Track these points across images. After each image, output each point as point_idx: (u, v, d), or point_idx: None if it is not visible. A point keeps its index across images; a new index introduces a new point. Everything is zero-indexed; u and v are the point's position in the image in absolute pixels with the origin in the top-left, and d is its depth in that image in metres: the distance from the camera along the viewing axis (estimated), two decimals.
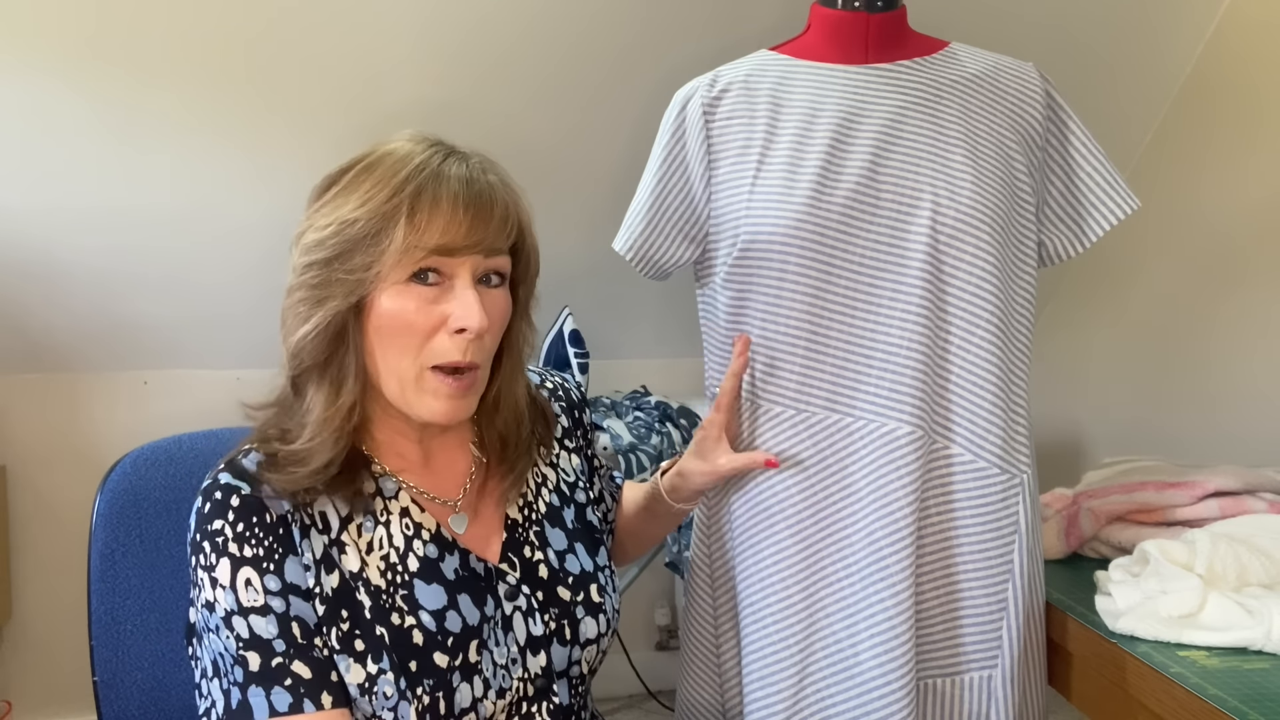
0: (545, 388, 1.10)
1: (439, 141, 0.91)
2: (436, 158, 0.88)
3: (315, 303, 0.86)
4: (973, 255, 1.07)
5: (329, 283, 0.86)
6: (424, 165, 0.87)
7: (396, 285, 0.86)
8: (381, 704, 0.84)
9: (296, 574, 0.85)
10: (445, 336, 0.87)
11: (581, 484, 1.08)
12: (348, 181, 0.88)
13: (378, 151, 0.89)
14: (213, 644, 0.84)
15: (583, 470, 1.09)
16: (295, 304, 0.87)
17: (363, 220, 0.85)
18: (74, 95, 1.79)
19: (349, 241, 0.85)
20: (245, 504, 0.84)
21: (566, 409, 1.11)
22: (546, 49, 1.89)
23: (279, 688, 0.82)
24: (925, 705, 1.10)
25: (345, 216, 0.85)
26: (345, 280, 0.85)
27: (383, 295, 0.86)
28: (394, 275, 0.86)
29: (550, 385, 1.11)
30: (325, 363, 0.88)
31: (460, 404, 0.90)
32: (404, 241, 0.84)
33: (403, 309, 0.86)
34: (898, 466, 1.06)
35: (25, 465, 2.24)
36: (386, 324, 0.87)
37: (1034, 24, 1.96)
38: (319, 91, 1.87)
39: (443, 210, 0.85)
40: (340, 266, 0.85)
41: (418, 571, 0.90)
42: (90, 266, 2.03)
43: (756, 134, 1.13)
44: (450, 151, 0.90)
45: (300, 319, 0.87)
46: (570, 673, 0.97)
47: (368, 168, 0.88)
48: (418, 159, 0.87)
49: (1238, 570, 1.06)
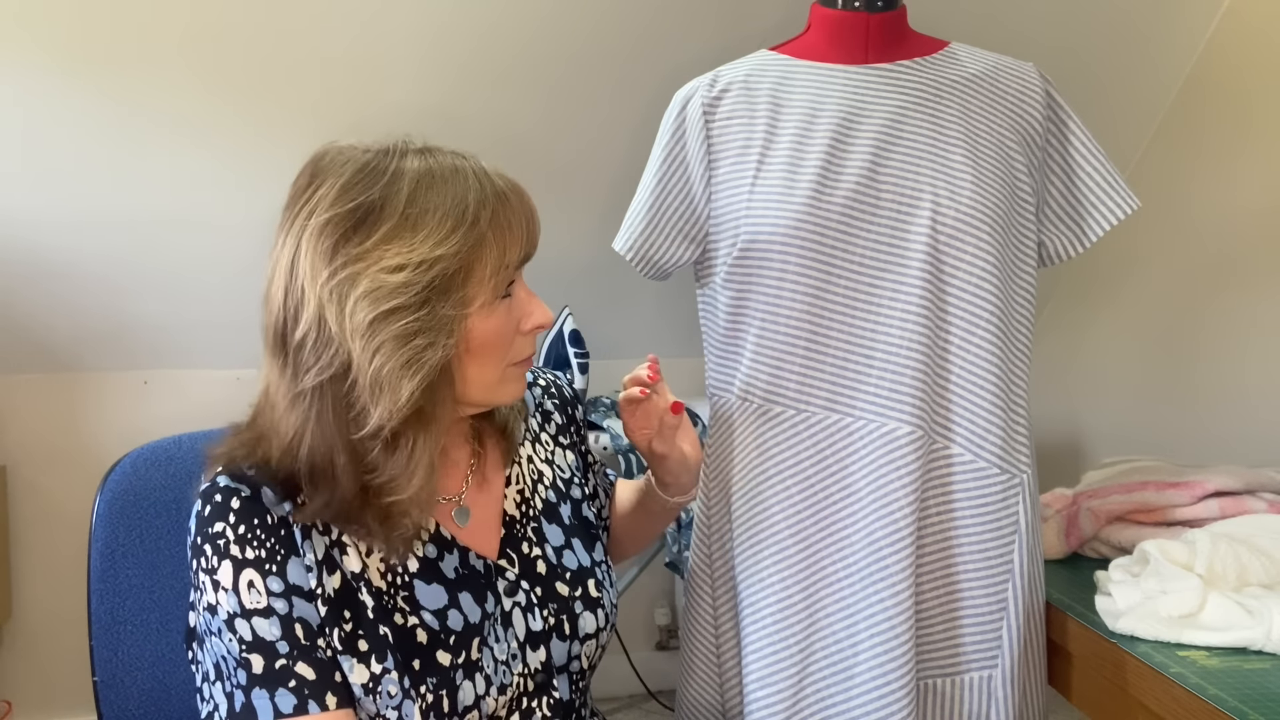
0: (538, 385, 1.11)
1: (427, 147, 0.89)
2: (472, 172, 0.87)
3: (425, 348, 0.82)
4: (973, 255, 1.07)
5: (422, 330, 0.82)
6: (474, 183, 0.86)
7: (486, 306, 0.87)
8: (386, 703, 0.84)
9: (299, 575, 0.84)
10: (519, 337, 0.92)
11: (577, 480, 1.08)
12: (392, 226, 0.82)
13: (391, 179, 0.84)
14: (215, 647, 0.84)
15: (578, 466, 1.10)
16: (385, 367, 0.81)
17: (447, 257, 0.83)
18: (74, 96, 1.79)
19: (434, 282, 0.82)
20: (245, 505, 0.84)
21: (559, 406, 1.11)
22: (546, 49, 1.89)
23: (283, 689, 0.82)
24: (925, 705, 1.10)
25: (425, 257, 0.82)
26: (451, 316, 0.83)
27: (475, 320, 0.86)
28: (482, 298, 0.87)
29: (543, 383, 1.12)
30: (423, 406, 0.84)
31: (525, 380, 0.97)
32: (495, 265, 0.86)
33: (500, 327, 0.89)
34: (898, 467, 1.06)
35: (25, 465, 2.24)
36: (484, 344, 0.88)
37: (1034, 24, 1.96)
38: (320, 90, 1.87)
39: (515, 227, 0.88)
40: (437, 310, 0.82)
41: (417, 572, 0.90)
42: (90, 266, 2.03)
43: (756, 134, 1.13)
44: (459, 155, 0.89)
45: (409, 368, 0.81)
46: (570, 668, 0.97)
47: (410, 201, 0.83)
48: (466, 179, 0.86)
49: (1238, 570, 1.06)
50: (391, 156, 0.86)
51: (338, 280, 0.81)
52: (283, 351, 0.84)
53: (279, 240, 0.85)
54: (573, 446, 1.11)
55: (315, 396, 0.82)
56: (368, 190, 0.83)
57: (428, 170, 0.85)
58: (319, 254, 0.82)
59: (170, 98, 1.82)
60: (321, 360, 0.82)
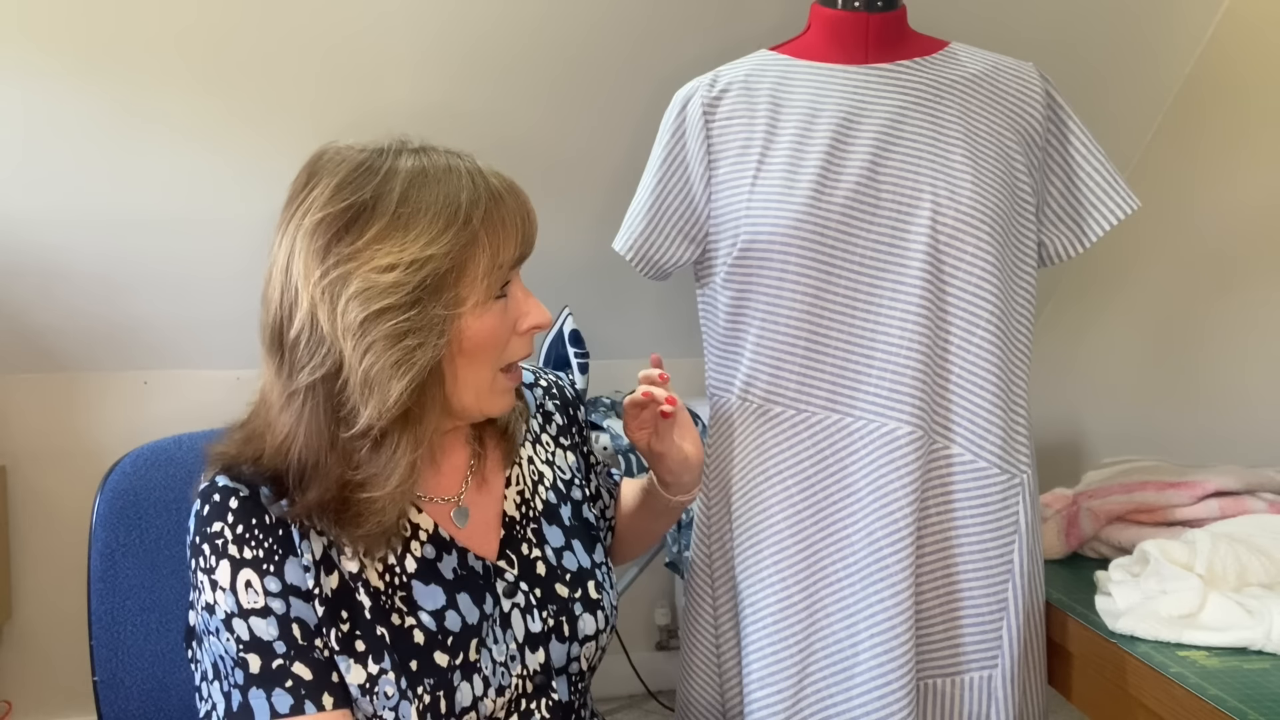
0: (539, 385, 1.10)
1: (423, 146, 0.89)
2: (465, 172, 0.87)
3: (415, 349, 0.82)
4: (973, 255, 1.07)
5: (413, 330, 0.82)
6: (472, 183, 0.86)
7: (480, 305, 0.86)
8: (383, 704, 0.84)
9: (296, 575, 0.84)
10: (515, 338, 0.91)
11: (578, 481, 1.08)
12: (384, 225, 0.82)
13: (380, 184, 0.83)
14: (213, 646, 0.84)
15: (579, 467, 1.10)
16: (382, 355, 0.81)
17: (438, 257, 0.82)
18: (73, 96, 1.79)
19: (425, 282, 0.82)
20: (244, 505, 0.84)
21: (561, 406, 1.11)
22: (547, 49, 1.89)
23: (280, 689, 0.82)
24: (925, 705, 1.10)
25: (416, 257, 0.81)
26: (443, 316, 0.83)
27: (467, 320, 0.86)
28: (475, 298, 0.86)
29: (544, 383, 1.11)
30: (410, 407, 0.84)
31: (515, 391, 0.95)
32: (489, 265, 0.86)
33: (494, 327, 0.88)
34: (898, 467, 1.06)
35: (25, 465, 2.24)
36: (477, 345, 0.87)
37: (1034, 24, 1.96)
38: (317, 91, 1.87)
39: (510, 226, 0.88)
40: (428, 310, 0.82)
41: (415, 573, 0.90)
42: (90, 266, 2.03)
43: (756, 134, 1.13)
44: (454, 155, 0.89)
45: (399, 368, 0.81)
46: (569, 669, 0.97)
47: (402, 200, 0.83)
48: (460, 178, 0.85)
49: (1238, 570, 1.06)
50: (386, 156, 0.86)
51: (330, 280, 0.81)
52: (279, 350, 0.85)
53: (276, 240, 0.86)
54: (574, 447, 1.10)
55: (308, 395, 0.83)
56: (360, 190, 0.83)
57: (421, 169, 0.85)
58: (312, 253, 0.82)
59: (169, 98, 1.82)
60: (314, 359, 0.82)
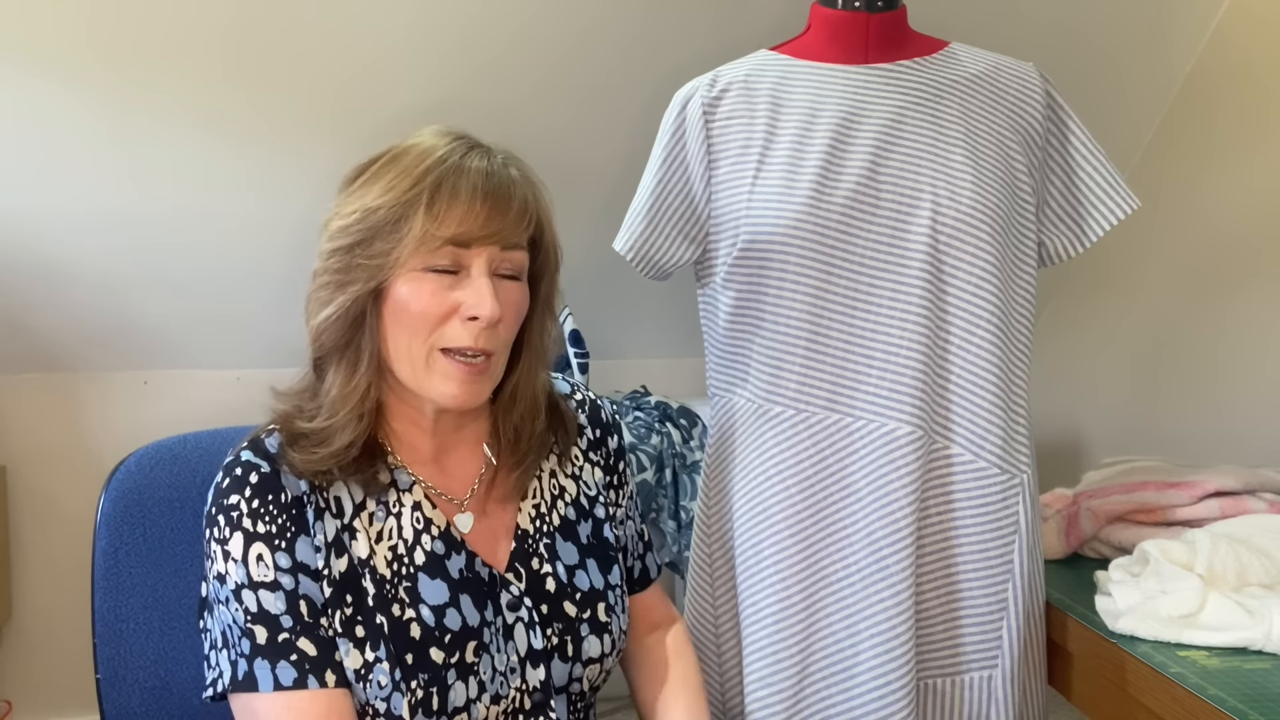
0: (574, 399, 1.07)
1: (464, 136, 0.94)
2: (458, 151, 0.91)
3: (337, 287, 0.89)
4: (973, 255, 1.08)
5: (350, 268, 0.89)
6: (445, 158, 0.90)
7: (414, 272, 0.88)
8: (375, 693, 0.85)
9: (307, 554, 0.86)
10: (458, 323, 0.89)
11: (602, 499, 1.05)
12: (374, 171, 0.91)
13: (404, 144, 0.93)
14: (222, 615, 0.86)
15: (605, 485, 1.06)
16: (319, 288, 0.91)
17: (384, 209, 0.88)
18: (74, 95, 1.79)
19: (371, 229, 0.88)
20: (263, 481, 0.87)
21: (592, 422, 1.07)
22: (547, 48, 1.89)
23: (285, 662, 0.83)
24: (925, 705, 1.10)
25: (369, 204, 0.88)
26: (366, 266, 0.88)
27: (400, 281, 0.89)
28: (412, 263, 0.88)
29: (579, 398, 1.08)
30: (345, 345, 0.91)
31: (471, 388, 0.91)
32: (422, 230, 0.87)
33: (417, 294, 0.88)
34: (898, 467, 1.06)
35: (25, 465, 2.24)
36: (401, 309, 0.89)
37: (1034, 24, 1.96)
38: (316, 93, 1.87)
39: (460, 202, 0.88)
40: (362, 253, 0.88)
41: (423, 565, 0.91)
42: (90, 266, 2.03)
43: (756, 134, 1.13)
44: (474, 145, 0.92)
45: (322, 303, 0.90)
46: (570, 689, 0.96)
47: (394, 159, 0.91)
48: (440, 152, 0.90)
49: (1238, 570, 1.06)
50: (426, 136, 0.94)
51: (326, 218, 0.93)
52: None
53: None
54: (604, 466, 1.07)
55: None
56: (384, 152, 0.93)
57: (433, 147, 0.91)
58: (336, 195, 0.94)
59: (171, 97, 1.82)
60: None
